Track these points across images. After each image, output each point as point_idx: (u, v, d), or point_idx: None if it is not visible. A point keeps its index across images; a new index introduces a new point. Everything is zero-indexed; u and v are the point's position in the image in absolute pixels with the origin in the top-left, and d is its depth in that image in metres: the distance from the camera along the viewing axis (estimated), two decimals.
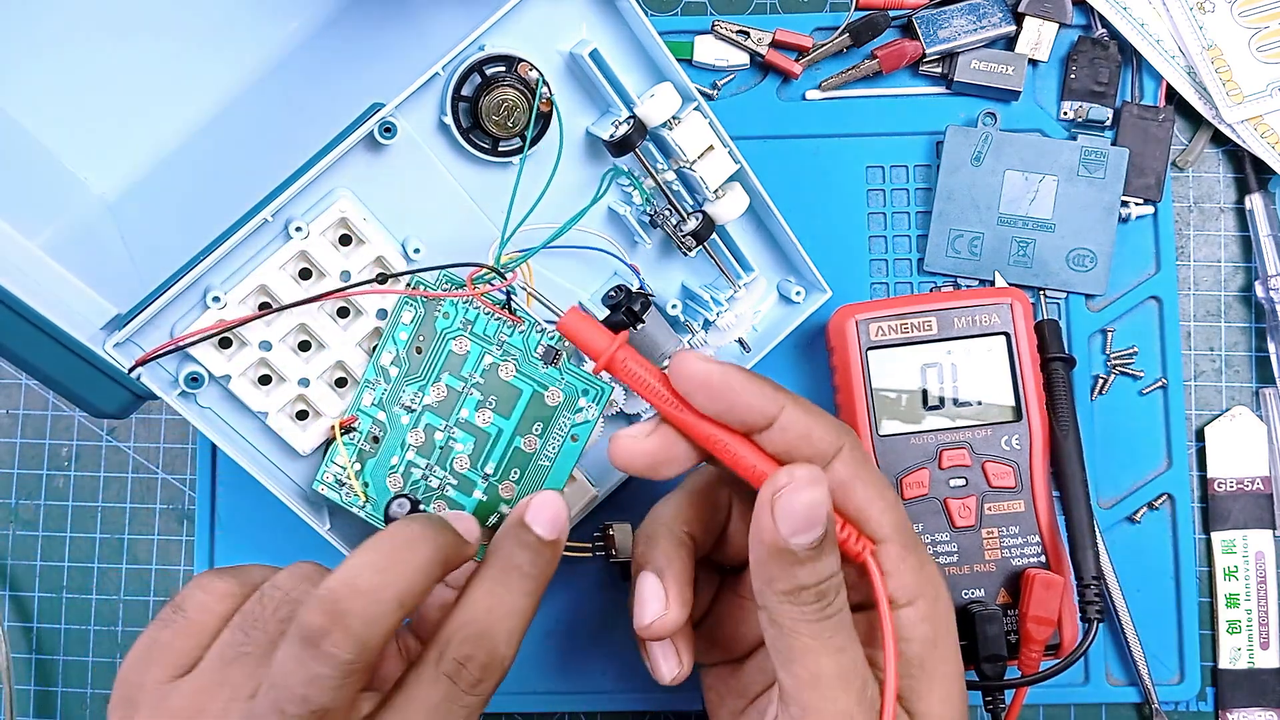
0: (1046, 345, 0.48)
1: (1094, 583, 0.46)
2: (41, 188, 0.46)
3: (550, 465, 0.42)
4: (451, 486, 0.42)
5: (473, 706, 0.34)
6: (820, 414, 0.36)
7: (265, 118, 0.47)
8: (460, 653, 0.34)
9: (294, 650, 0.31)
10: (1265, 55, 0.49)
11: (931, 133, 0.51)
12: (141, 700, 0.34)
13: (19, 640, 0.51)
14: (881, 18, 0.50)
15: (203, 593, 0.35)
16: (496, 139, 0.41)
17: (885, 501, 0.36)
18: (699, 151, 0.42)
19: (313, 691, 0.31)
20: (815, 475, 0.33)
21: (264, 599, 0.34)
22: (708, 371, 0.35)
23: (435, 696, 0.33)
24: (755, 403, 0.35)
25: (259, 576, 0.36)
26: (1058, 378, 0.47)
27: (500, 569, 0.36)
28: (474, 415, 0.42)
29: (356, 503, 0.42)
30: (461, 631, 0.34)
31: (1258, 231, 0.50)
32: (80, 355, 0.39)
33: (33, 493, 0.52)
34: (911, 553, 0.36)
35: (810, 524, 0.33)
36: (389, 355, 0.42)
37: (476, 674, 0.34)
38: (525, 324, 0.42)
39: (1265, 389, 0.50)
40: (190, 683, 0.34)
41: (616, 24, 0.42)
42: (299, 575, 0.35)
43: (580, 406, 0.42)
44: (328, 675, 0.31)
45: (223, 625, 0.35)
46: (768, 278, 0.47)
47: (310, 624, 0.31)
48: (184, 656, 0.34)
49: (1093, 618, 0.45)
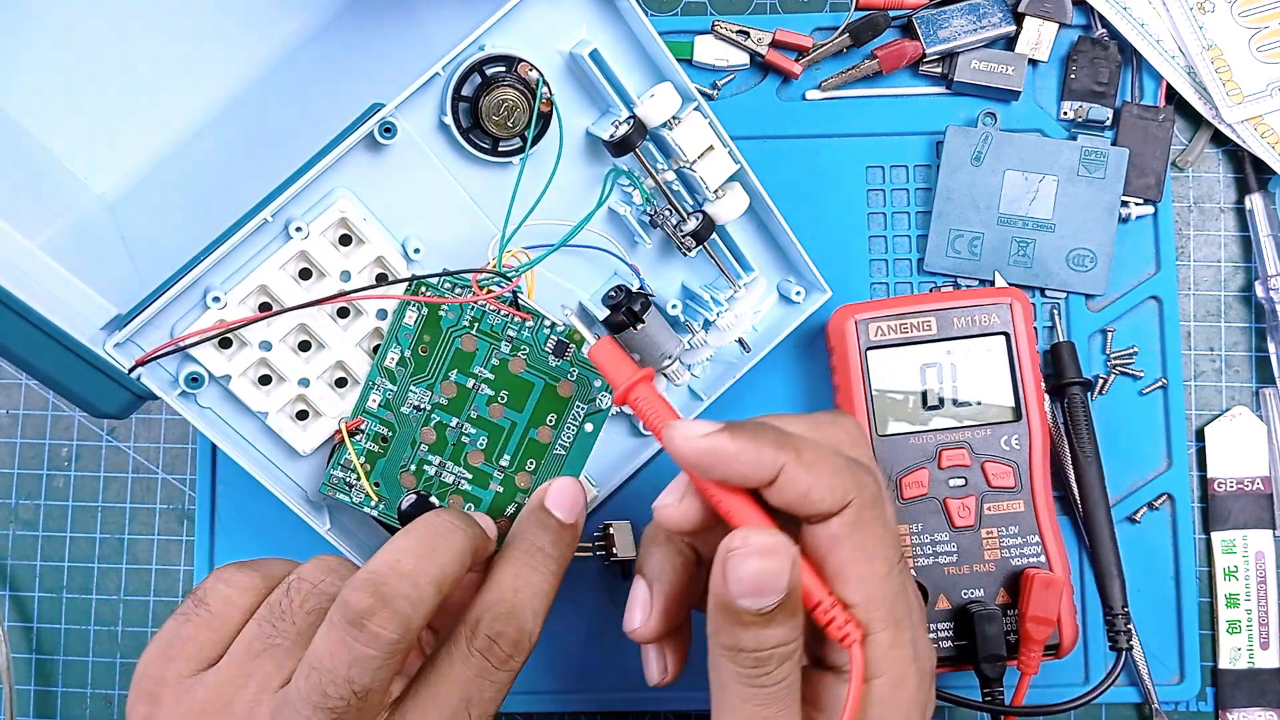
0: (1064, 369, 0.48)
1: (1123, 613, 0.46)
2: (41, 188, 0.46)
3: (566, 454, 0.43)
4: (466, 481, 0.43)
5: (502, 682, 0.35)
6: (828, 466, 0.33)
7: (265, 118, 0.47)
8: (492, 629, 0.35)
9: (338, 632, 0.32)
10: (1265, 55, 0.49)
11: (931, 133, 0.51)
12: (164, 695, 0.34)
13: (19, 640, 0.51)
14: (881, 18, 0.50)
15: (225, 586, 0.36)
16: (496, 139, 0.41)
17: (870, 568, 0.33)
18: (699, 151, 0.42)
19: (356, 673, 0.32)
20: (770, 545, 0.32)
21: (291, 591, 0.35)
22: (696, 451, 0.33)
23: (469, 672, 0.35)
24: (748, 471, 0.33)
25: (280, 570, 0.37)
26: (1077, 402, 0.48)
27: (524, 551, 0.38)
28: (486, 410, 0.42)
29: (368, 503, 0.42)
30: (492, 610, 0.35)
31: (1258, 231, 0.50)
32: (80, 355, 0.39)
33: (33, 493, 0.52)
34: (885, 629, 0.33)
35: (758, 591, 0.31)
36: (393, 357, 0.42)
37: (508, 649, 0.35)
38: (534, 319, 0.42)
39: (1265, 389, 0.50)
40: (216, 675, 0.34)
41: (616, 24, 0.42)
42: (325, 568, 0.36)
43: (594, 395, 0.42)
44: (373, 655, 0.32)
45: (246, 618, 0.35)
46: (768, 278, 0.47)
47: (356, 604, 0.32)
48: (208, 650, 0.35)
49: (1122, 647, 0.46)
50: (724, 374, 0.47)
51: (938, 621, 0.45)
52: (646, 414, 0.37)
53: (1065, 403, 0.48)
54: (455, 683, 0.34)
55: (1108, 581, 0.47)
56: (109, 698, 0.51)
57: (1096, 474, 0.48)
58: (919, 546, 0.45)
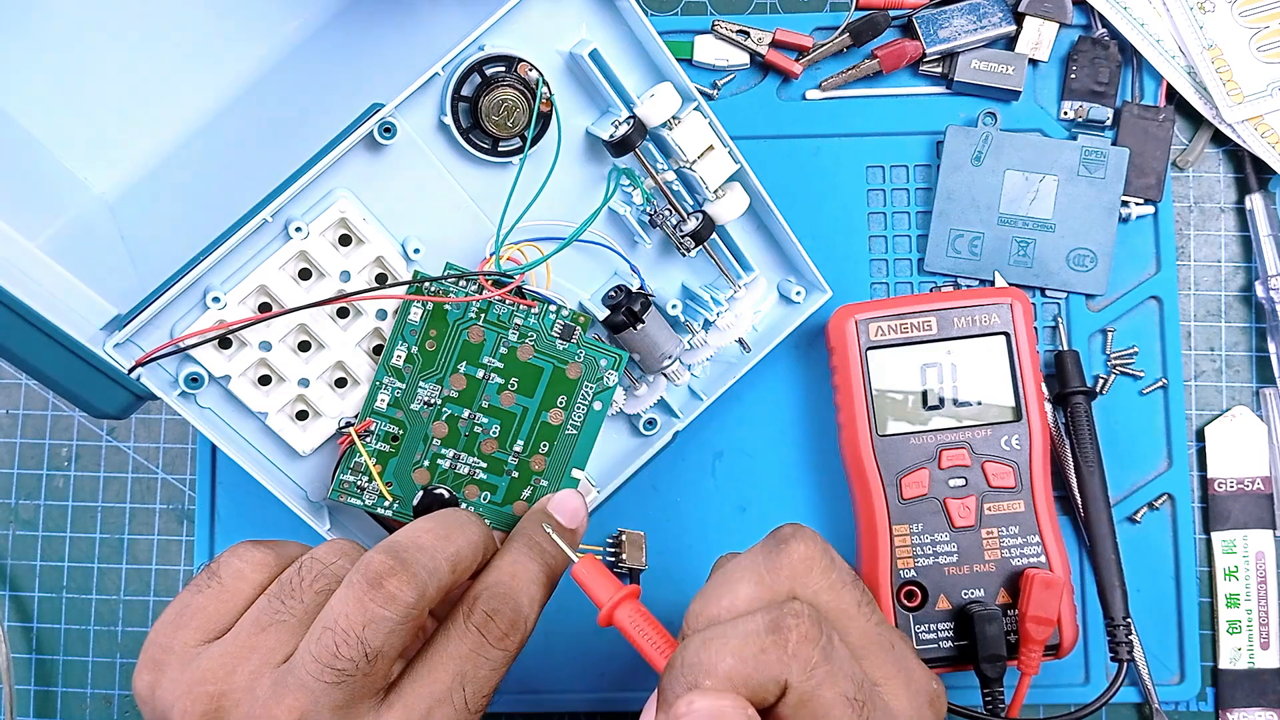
0: (1068, 378, 0.48)
1: (1124, 624, 0.46)
2: (41, 188, 0.46)
3: (578, 433, 0.43)
4: (482, 470, 0.43)
5: (497, 661, 0.36)
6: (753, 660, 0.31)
7: (265, 118, 0.47)
8: (489, 606, 0.36)
9: (356, 591, 0.33)
10: (1265, 55, 0.49)
11: (931, 133, 0.51)
12: (169, 662, 0.35)
13: (19, 640, 0.51)
14: (881, 17, 0.50)
15: (239, 560, 0.36)
16: (496, 139, 0.41)
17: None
18: (699, 151, 0.42)
19: (370, 634, 0.33)
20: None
21: (303, 570, 0.36)
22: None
23: (465, 647, 0.35)
24: None
25: (294, 550, 0.38)
26: (1081, 411, 0.48)
27: (524, 543, 0.39)
28: (498, 399, 0.42)
29: (382, 504, 0.42)
30: (489, 590, 0.36)
31: (1258, 231, 0.50)
32: (80, 355, 0.39)
33: (33, 493, 0.52)
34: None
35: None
36: (400, 355, 0.42)
37: (504, 627, 0.36)
38: (539, 305, 0.42)
39: (1265, 389, 0.50)
40: (221, 646, 0.35)
41: (616, 24, 0.42)
42: (337, 550, 0.36)
43: (600, 374, 0.43)
44: (387, 617, 0.33)
45: (257, 594, 0.36)
46: (768, 278, 0.47)
47: (376, 564, 0.33)
48: (216, 621, 0.35)
49: (1123, 658, 0.46)
50: (724, 374, 0.47)
51: (937, 622, 0.45)
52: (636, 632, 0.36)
53: (1069, 412, 0.48)
54: (451, 657, 0.35)
55: (1109, 592, 0.47)
56: (109, 698, 0.51)
57: (1099, 483, 0.48)
58: (919, 547, 0.45)
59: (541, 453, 0.43)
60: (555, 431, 0.43)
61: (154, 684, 0.35)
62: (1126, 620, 0.47)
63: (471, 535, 0.37)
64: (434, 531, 0.36)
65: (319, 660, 0.33)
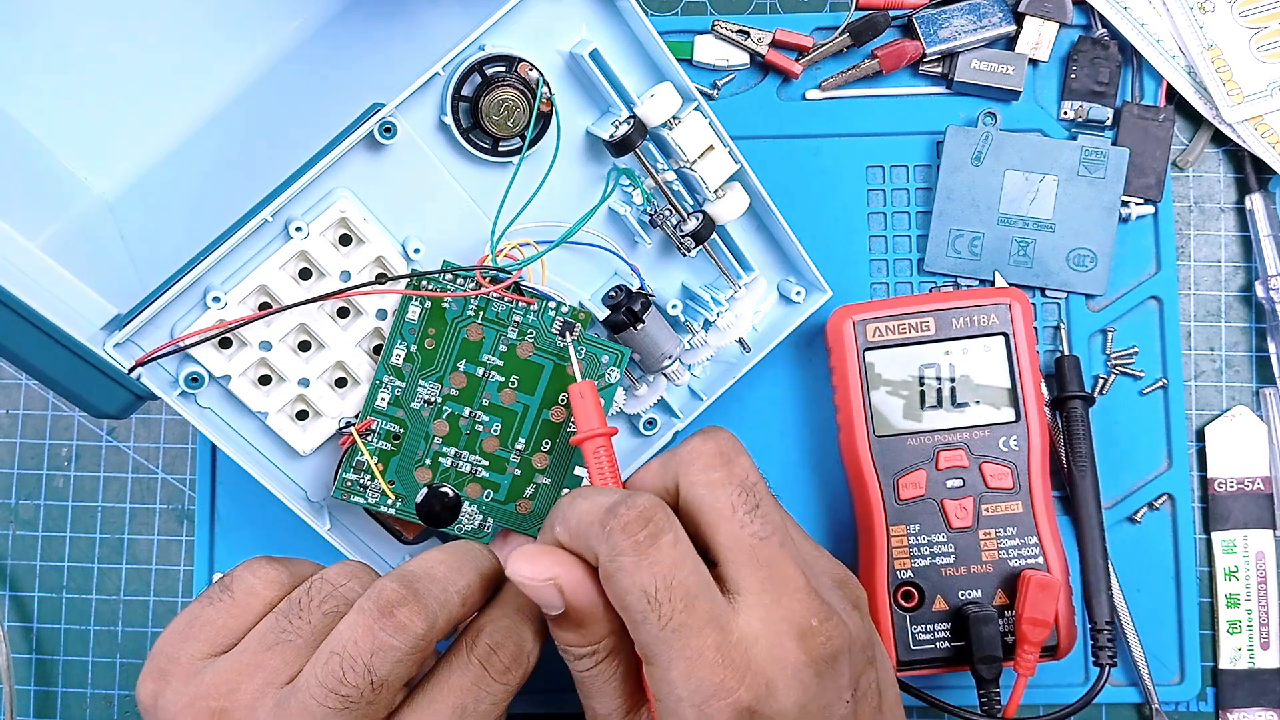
0: (1066, 383, 0.48)
1: (1107, 628, 0.46)
2: (41, 188, 0.46)
3: None
4: (483, 468, 0.43)
5: (498, 695, 0.35)
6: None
7: (265, 117, 0.47)
8: (493, 639, 0.35)
9: (366, 619, 0.33)
10: (1265, 55, 0.49)
11: (931, 133, 0.51)
12: (174, 673, 0.35)
13: (19, 640, 0.51)
14: (881, 17, 0.50)
15: (253, 576, 0.36)
16: (496, 139, 0.41)
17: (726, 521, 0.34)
18: (699, 151, 0.42)
19: (377, 661, 0.33)
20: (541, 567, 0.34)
21: (312, 590, 0.35)
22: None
23: (466, 680, 0.35)
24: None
25: (308, 570, 0.37)
26: (1077, 416, 0.48)
27: None
28: (498, 397, 0.42)
29: (384, 502, 0.42)
30: (493, 623, 0.36)
31: (1258, 231, 0.50)
32: (80, 355, 0.39)
33: (33, 493, 0.52)
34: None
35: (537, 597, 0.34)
36: (399, 354, 0.42)
37: (506, 661, 0.35)
38: (538, 302, 0.42)
39: (1265, 389, 0.50)
40: (226, 662, 0.34)
41: (616, 24, 0.42)
42: (348, 572, 0.36)
43: (602, 370, 0.43)
44: (396, 646, 0.33)
45: (267, 611, 0.36)
46: (768, 278, 0.47)
47: (389, 593, 0.33)
48: (224, 635, 0.35)
49: (1104, 663, 0.46)
50: (724, 374, 0.47)
51: (934, 622, 0.45)
52: (596, 462, 0.39)
53: (1064, 416, 0.48)
54: (451, 689, 0.35)
55: (1095, 597, 0.47)
56: (109, 698, 0.51)
57: (1091, 487, 0.48)
58: (916, 547, 0.45)
59: (544, 450, 0.43)
60: (558, 429, 0.43)
61: (157, 694, 0.35)
62: (1109, 624, 0.47)
63: (483, 569, 0.37)
64: (447, 563, 0.36)
65: (324, 685, 0.32)
